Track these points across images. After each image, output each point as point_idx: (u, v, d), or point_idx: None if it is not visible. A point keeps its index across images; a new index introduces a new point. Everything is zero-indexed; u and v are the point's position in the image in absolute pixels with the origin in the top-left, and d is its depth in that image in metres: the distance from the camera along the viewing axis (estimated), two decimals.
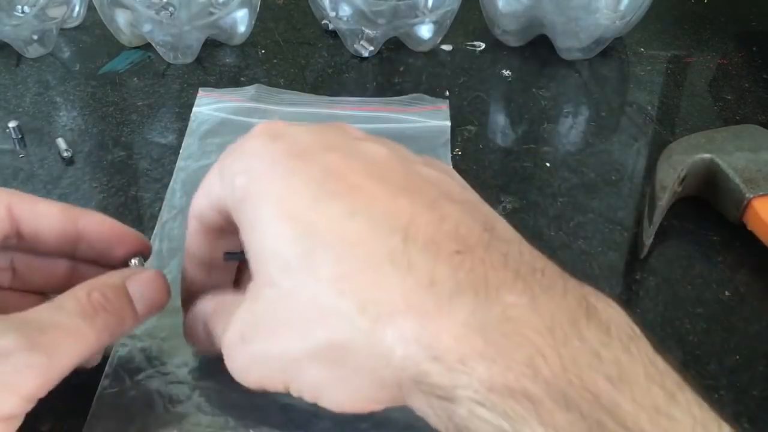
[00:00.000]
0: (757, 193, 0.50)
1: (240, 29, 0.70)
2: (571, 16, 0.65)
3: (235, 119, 0.61)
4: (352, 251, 0.26)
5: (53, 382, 0.30)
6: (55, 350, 0.30)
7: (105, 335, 0.32)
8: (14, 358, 0.29)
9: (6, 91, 0.65)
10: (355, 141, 0.31)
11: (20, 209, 0.34)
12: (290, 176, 0.29)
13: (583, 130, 0.63)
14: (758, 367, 0.44)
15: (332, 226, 0.27)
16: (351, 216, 0.27)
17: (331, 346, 0.27)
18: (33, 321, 0.30)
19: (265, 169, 0.29)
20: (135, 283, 0.34)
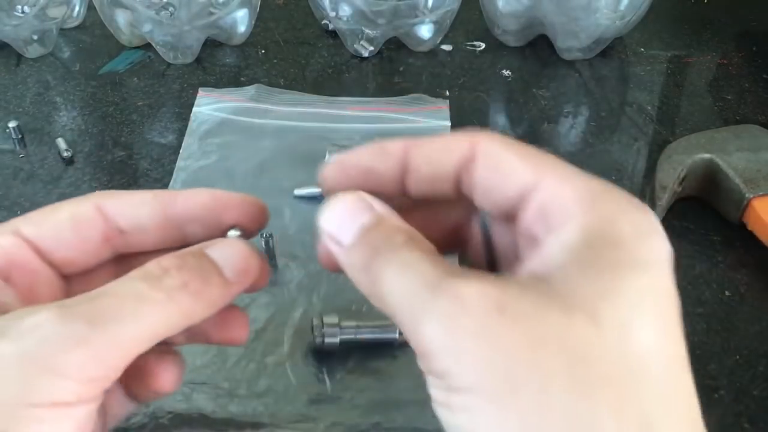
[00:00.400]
0: (757, 193, 0.50)
1: (240, 29, 0.70)
2: (571, 16, 0.65)
3: (235, 119, 0.61)
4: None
5: (111, 356, 0.25)
6: (99, 316, 0.25)
7: (185, 298, 0.27)
8: (42, 331, 0.25)
9: (6, 91, 0.65)
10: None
11: (111, 205, 0.31)
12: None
13: (583, 130, 0.63)
14: (758, 367, 0.44)
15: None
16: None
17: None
18: (78, 297, 0.26)
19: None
20: (216, 249, 0.29)
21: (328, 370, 0.43)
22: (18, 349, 0.24)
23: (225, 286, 0.29)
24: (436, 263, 0.25)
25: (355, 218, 0.28)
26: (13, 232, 0.30)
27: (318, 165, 0.57)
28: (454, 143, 0.28)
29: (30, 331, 0.25)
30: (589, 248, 0.25)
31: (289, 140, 0.59)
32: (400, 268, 0.25)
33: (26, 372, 0.24)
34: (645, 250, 0.26)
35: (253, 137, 0.59)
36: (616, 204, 0.26)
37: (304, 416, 0.41)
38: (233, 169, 0.56)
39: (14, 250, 0.29)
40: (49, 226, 0.30)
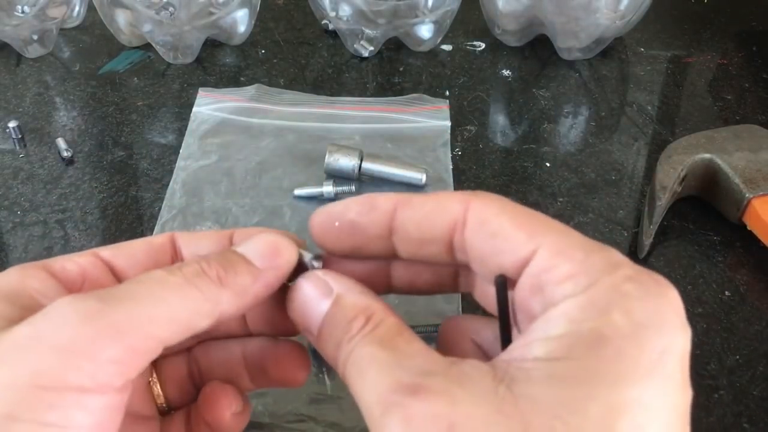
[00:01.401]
0: (757, 193, 0.50)
1: (240, 29, 0.70)
2: (571, 15, 0.65)
3: (235, 119, 0.61)
4: None
5: (129, 336, 0.24)
6: (114, 296, 0.25)
7: (205, 282, 0.27)
8: (52, 311, 0.24)
9: (6, 91, 0.65)
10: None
11: (181, 238, 0.32)
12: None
13: (583, 130, 0.63)
14: (758, 367, 0.44)
15: None
16: None
17: None
18: (113, 287, 0.26)
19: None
20: (244, 244, 0.29)
21: (328, 370, 0.43)
22: (27, 331, 0.24)
23: (253, 272, 0.28)
24: (390, 365, 0.24)
25: (316, 307, 0.28)
26: (92, 253, 0.30)
27: (318, 165, 0.57)
28: (445, 206, 0.27)
29: (43, 314, 0.24)
30: (570, 350, 0.23)
31: (288, 140, 0.59)
32: (355, 368, 0.25)
33: (33, 352, 0.23)
34: (638, 351, 0.23)
35: (253, 137, 0.59)
36: (614, 288, 0.24)
37: (304, 416, 0.41)
38: (233, 169, 0.56)
39: (89, 267, 0.29)
40: (124, 248, 0.31)
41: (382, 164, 0.55)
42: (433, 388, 0.23)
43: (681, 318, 0.24)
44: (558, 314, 0.23)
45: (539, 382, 0.22)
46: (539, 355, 0.23)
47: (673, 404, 0.23)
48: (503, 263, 0.26)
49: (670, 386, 0.23)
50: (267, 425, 0.41)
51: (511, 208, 0.26)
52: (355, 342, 0.26)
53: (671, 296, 0.24)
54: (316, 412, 0.41)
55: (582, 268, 0.24)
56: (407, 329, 0.26)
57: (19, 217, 0.53)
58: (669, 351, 0.23)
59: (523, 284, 0.25)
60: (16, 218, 0.53)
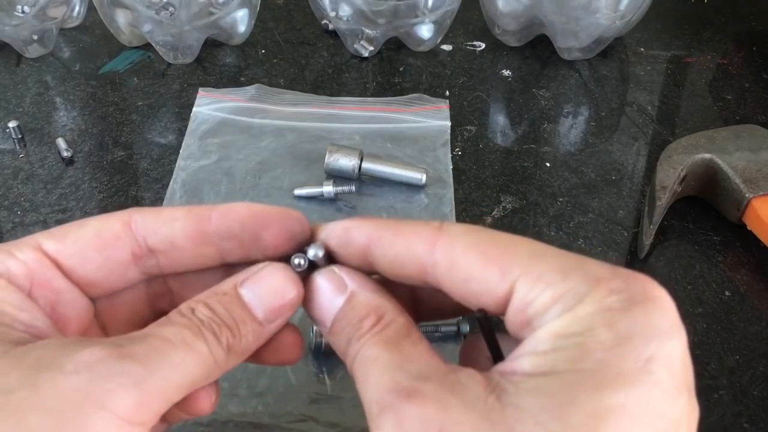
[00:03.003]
0: (757, 193, 0.50)
1: (240, 29, 0.70)
2: (571, 15, 0.65)
3: (236, 119, 0.61)
4: None
5: (158, 402, 0.25)
6: (153, 360, 0.25)
7: (220, 352, 0.27)
8: (98, 368, 0.24)
9: (6, 91, 0.65)
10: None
11: (140, 221, 0.29)
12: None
13: (583, 130, 0.63)
14: (758, 367, 0.44)
15: None
16: None
17: None
18: (126, 336, 0.26)
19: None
20: (249, 286, 0.28)
21: (328, 370, 0.43)
22: (77, 385, 0.24)
23: (257, 330, 0.28)
24: (391, 366, 0.25)
25: (330, 302, 0.28)
26: (34, 246, 0.28)
27: (318, 165, 0.57)
28: (412, 247, 0.26)
29: (88, 366, 0.24)
30: (554, 364, 0.23)
31: (288, 140, 0.59)
32: (361, 366, 0.26)
33: (84, 408, 0.23)
34: (621, 360, 0.22)
35: (253, 137, 0.59)
36: (597, 304, 0.23)
37: (304, 416, 0.41)
38: (233, 169, 0.56)
39: (35, 266, 0.28)
40: (72, 243, 0.28)
41: (382, 164, 0.55)
42: (427, 393, 0.23)
43: (670, 322, 0.23)
44: (544, 333, 0.24)
45: (525, 393, 0.23)
46: (527, 370, 0.23)
47: (661, 411, 0.22)
48: (483, 304, 0.26)
49: (658, 393, 0.22)
50: (267, 425, 0.41)
51: (478, 242, 0.25)
52: (364, 341, 0.26)
53: (659, 301, 0.24)
54: (316, 412, 0.41)
55: (562, 291, 0.24)
56: (416, 330, 0.26)
57: (19, 217, 0.53)
58: (656, 358, 0.23)
59: (509, 320, 0.25)
60: (16, 218, 0.53)
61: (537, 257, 0.25)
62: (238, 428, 0.40)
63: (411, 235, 0.27)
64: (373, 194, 0.55)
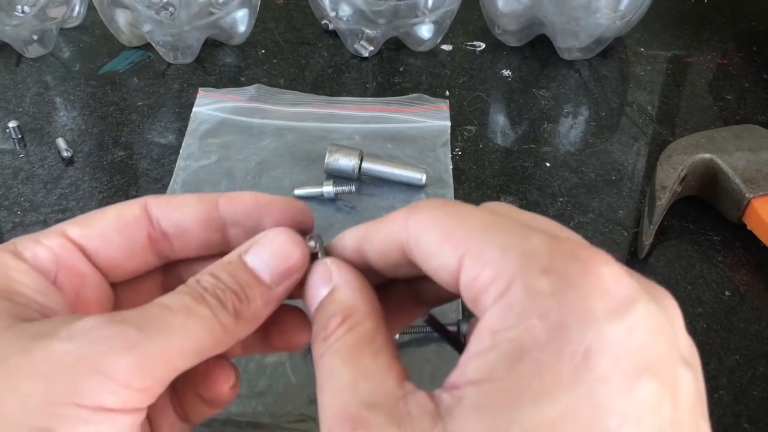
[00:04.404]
0: (757, 193, 0.50)
1: (240, 29, 0.70)
2: (571, 15, 0.65)
3: (235, 119, 0.61)
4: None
5: (159, 366, 0.25)
6: (150, 324, 0.25)
7: (227, 316, 0.26)
8: (92, 333, 0.24)
9: (6, 91, 0.65)
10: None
11: (155, 206, 0.30)
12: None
13: (583, 130, 0.63)
14: (758, 367, 0.44)
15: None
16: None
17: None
18: (129, 309, 0.26)
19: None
20: (253, 252, 0.28)
21: None
22: (69, 349, 0.24)
23: (266, 293, 0.28)
24: (345, 386, 0.24)
25: (316, 293, 0.28)
26: (59, 233, 0.29)
27: (318, 165, 0.57)
28: (391, 230, 0.26)
29: (82, 332, 0.24)
30: (492, 369, 0.21)
31: (288, 140, 0.59)
32: (320, 376, 0.26)
33: (75, 372, 0.24)
34: (557, 358, 0.20)
35: (253, 137, 0.59)
36: (528, 287, 0.21)
37: (304, 416, 0.41)
38: (233, 169, 0.56)
39: (61, 251, 0.28)
40: (95, 227, 0.29)
41: (382, 164, 0.55)
42: (373, 425, 0.23)
43: (613, 302, 0.21)
44: (483, 326, 0.22)
45: (468, 414, 0.21)
46: (470, 377, 0.22)
47: (611, 408, 0.20)
48: (443, 279, 0.24)
49: (605, 391, 0.20)
50: (267, 425, 0.41)
51: (440, 218, 0.25)
52: (327, 345, 0.26)
53: (598, 280, 0.21)
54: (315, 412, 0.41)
55: (499, 270, 0.22)
56: (381, 336, 0.25)
57: (19, 217, 0.53)
58: (595, 350, 0.20)
59: (464, 298, 0.24)
60: (16, 218, 0.53)
61: (486, 231, 0.23)
62: (238, 428, 0.40)
63: (390, 219, 0.27)
64: (373, 194, 0.55)
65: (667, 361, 0.22)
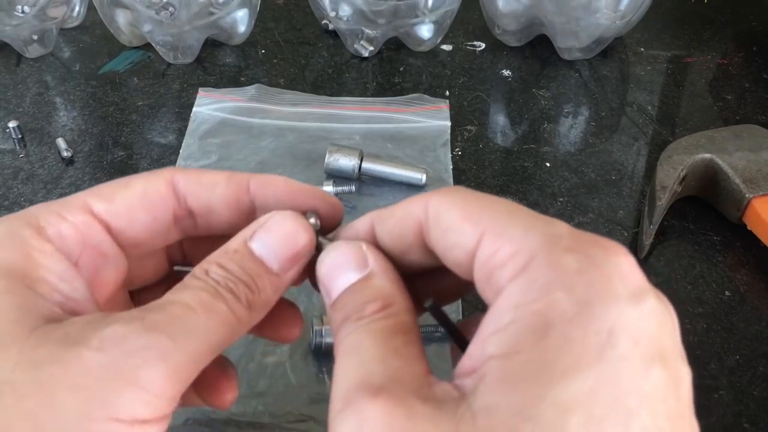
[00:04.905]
0: (757, 193, 0.50)
1: (240, 29, 0.70)
2: (571, 15, 0.65)
3: (236, 119, 0.61)
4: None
5: (187, 371, 0.24)
6: (177, 330, 0.24)
7: (242, 309, 0.26)
8: (124, 343, 0.23)
9: (6, 91, 0.65)
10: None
11: (183, 182, 0.29)
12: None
13: (583, 130, 0.63)
14: (758, 367, 0.44)
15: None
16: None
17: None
18: (147, 307, 0.25)
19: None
20: (259, 238, 0.27)
21: (328, 370, 0.43)
22: (103, 361, 0.23)
23: (275, 282, 0.27)
24: (372, 358, 0.23)
25: (343, 273, 0.27)
26: (83, 208, 0.28)
27: (318, 165, 0.57)
28: (409, 211, 0.27)
29: (114, 342, 0.24)
30: (518, 341, 0.21)
31: (289, 140, 0.59)
32: (343, 351, 0.25)
33: (112, 385, 0.23)
34: (583, 334, 0.21)
35: (253, 137, 0.59)
36: (554, 263, 0.22)
37: (304, 416, 0.41)
38: (233, 169, 0.56)
39: (87, 230, 0.27)
40: (120, 203, 0.28)
41: (382, 164, 0.55)
42: (396, 395, 0.22)
43: (633, 286, 0.22)
44: (503, 301, 0.22)
45: (493, 389, 0.21)
46: (492, 352, 0.22)
47: (631, 389, 0.20)
48: (457, 257, 0.25)
49: (626, 370, 0.20)
50: (267, 425, 0.41)
51: (463, 200, 0.25)
52: (359, 325, 0.25)
53: (619, 265, 0.22)
54: (316, 412, 0.41)
55: (520, 246, 0.22)
56: (415, 333, 0.25)
57: None
58: (618, 329, 0.21)
59: (477, 277, 0.24)
60: None
61: (509, 214, 0.24)
62: (238, 428, 0.40)
63: (407, 200, 0.27)
64: (373, 194, 0.55)
65: (673, 353, 0.22)
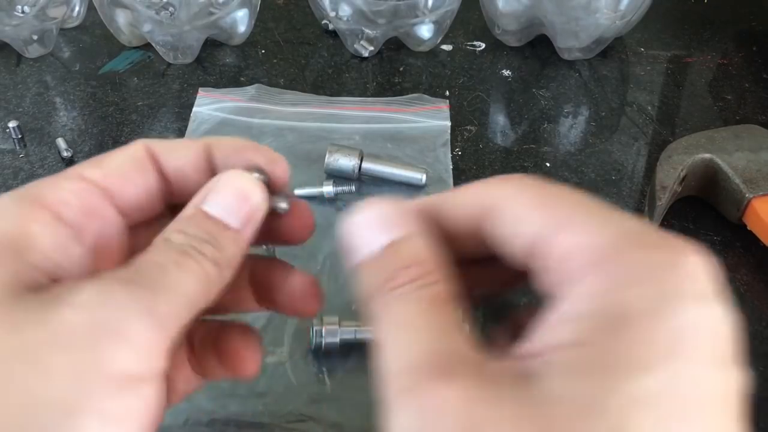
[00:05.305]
0: (757, 193, 0.50)
1: (240, 29, 0.70)
2: (571, 15, 0.65)
3: (235, 119, 0.61)
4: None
5: (171, 326, 0.24)
6: (156, 284, 0.24)
7: (210, 266, 0.26)
8: (108, 300, 0.23)
9: (6, 91, 0.65)
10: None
11: (157, 148, 0.29)
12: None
13: (583, 130, 0.63)
14: (758, 367, 0.44)
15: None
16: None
17: None
18: (119, 269, 0.25)
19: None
20: (210, 200, 0.27)
21: (328, 370, 0.43)
22: (86, 316, 0.23)
23: (236, 237, 0.27)
24: (428, 335, 0.22)
25: (373, 236, 0.25)
26: (77, 177, 0.27)
27: (318, 165, 0.57)
28: (471, 195, 0.26)
29: (96, 300, 0.23)
30: (591, 332, 0.21)
31: (288, 140, 0.59)
32: (388, 324, 0.23)
33: (99, 340, 0.22)
34: (657, 330, 0.21)
35: (253, 137, 0.59)
36: (633, 258, 0.22)
37: (304, 416, 0.41)
38: None
39: (84, 196, 0.27)
40: (110, 167, 0.28)
41: (382, 164, 0.55)
42: (466, 377, 0.21)
43: (708, 287, 0.22)
44: (578, 292, 0.22)
45: (560, 377, 0.21)
46: (562, 340, 0.21)
47: (702, 390, 0.21)
48: (518, 245, 0.24)
49: (696, 371, 0.21)
50: (267, 425, 0.41)
51: (531, 188, 0.25)
52: (399, 293, 0.24)
53: (696, 263, 0.22)
54: (316, 412, 0.41)
55: (596, 238, 0.22)
56: (455, 300, 0.24)
57: None
58: (693, 327, 0.21)
59: (540, 266, 0.24)
60: None
61: (583, 205, 0.24)
62: (238, 428, 0.40)
63: (470, 185, 0.26)
64: (373, 194, 0.55)
65: (735, 361, 0.23)
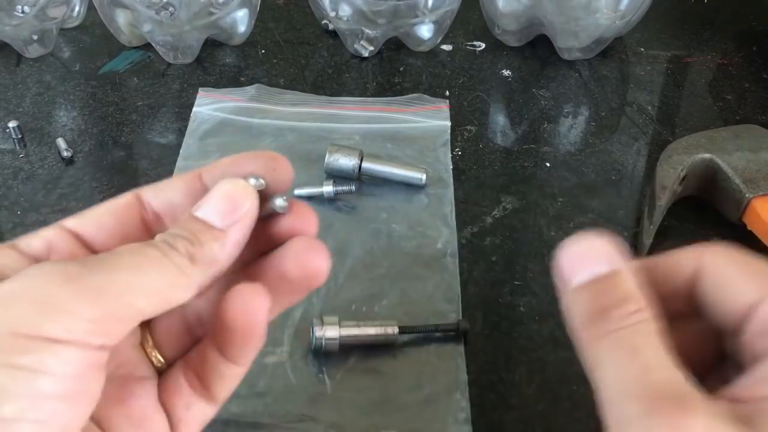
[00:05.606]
0: (757, 193, 0.50)
1: (240, 29, 0.70)
2: (571, 15, 0.65)
3: (235, 119, 0.61)
4: None
5: (111, 300, 0.25)
6: (96, 261, 0.26)
7: (181, 258, 0.27)
8: (40, 275, 0.25)
9: (6, 91, 0.65)
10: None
11: (146, 190, 0.31)
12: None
13: (583, 130, 0.63)
14: None
15: None
16: None
17: None
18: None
19: None
20: (200, 206, 0.29)
21: (328, 370, 0.43)
22: (12, 286, 0.25)
23: (218, 237, 0.28)
24: (660, 365, 0.25)
25: (590, 263, 0.27)
26: (56, 226, 0.30)
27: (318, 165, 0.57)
28: (684, 256, 0.29)
29: (24, 273, 0.25)
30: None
31: (289, 140, 0.59)
32: (618, 353, 0.25)
33: (15, 303, 0.24)
34: None
35: (253, 137, 0.59)
36: None
37: (304, 416, 0.41)
38: None
39: (54, 238, 0.29)
40: (89, 216, 0.30)
41: (382, 164, 0.55)
42: (704, 411, 0.23)
43: None
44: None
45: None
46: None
47: None
48: (727, 309, 0.27)
49: None
50: (267, 425, 0.41)
51: (740, 259, 0.28)
52: (626, 323, 0.26)
53: None
54: (316, 412, 0.41)
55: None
56: (666, 337, 0.26)
57: (19, 217, 0.53)
58: None
59: (751, 329, 0.27)
60: (16, 218, 0.53)
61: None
62: (238, 428, 0.40)
63: (679, 251, 0.29)
64: (373, 194, 0.55)
65: None
